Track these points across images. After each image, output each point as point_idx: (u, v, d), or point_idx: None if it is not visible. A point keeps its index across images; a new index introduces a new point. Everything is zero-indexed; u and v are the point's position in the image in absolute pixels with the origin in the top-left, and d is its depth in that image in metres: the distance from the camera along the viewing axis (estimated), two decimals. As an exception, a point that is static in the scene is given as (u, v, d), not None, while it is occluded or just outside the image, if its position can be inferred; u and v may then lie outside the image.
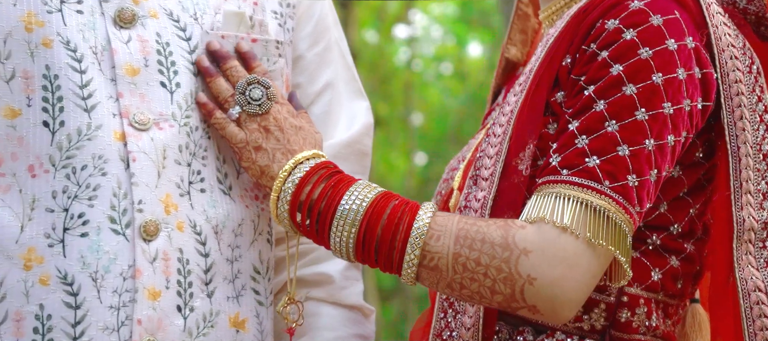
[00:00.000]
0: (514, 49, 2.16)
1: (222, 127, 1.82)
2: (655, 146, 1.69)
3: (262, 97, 1.82)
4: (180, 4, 1.83)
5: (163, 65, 1.78)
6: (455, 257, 1.66)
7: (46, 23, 1.73)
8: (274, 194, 1.77)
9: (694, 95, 1.74)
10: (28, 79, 1.72)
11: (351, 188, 1.74)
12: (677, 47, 1.72)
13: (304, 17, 1.99)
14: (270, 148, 1.80)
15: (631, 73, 1.70)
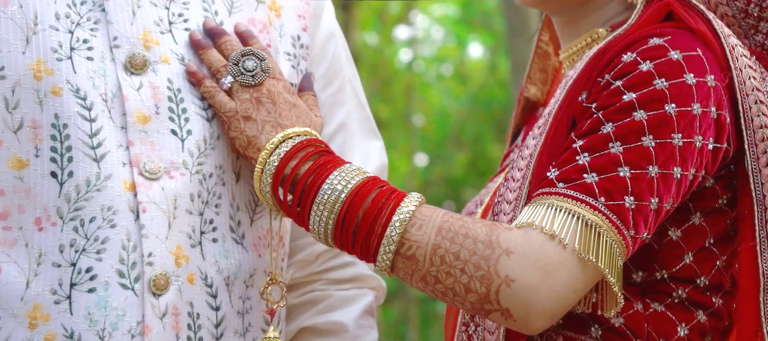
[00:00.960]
0: (533, 89, 2.13)
1: (211, 95, 1.76)
2: (659, 174, 1.64)
3: (256, 68, 1.77)
4: (191, 48, 1.78)
5: (174, 112, 1.73)
6: (435, 248, 1.61)
7: (56, 71, 1.68)
8: (258, 166, 1.72)
9: (706, 134, 1.69)
10: (36, 128, 1.66)
11: (339, 169, 1.68)
12: (696, 82, 1.68)
13: (318, 58, 1.94)
14: (260, 119, 1.74)
15: (644, 101, 1.66)
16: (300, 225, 1.72)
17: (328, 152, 1.72)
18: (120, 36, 1.72)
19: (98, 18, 1.73)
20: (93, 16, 1.73)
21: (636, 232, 1.63)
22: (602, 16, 1.89)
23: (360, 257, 1.67)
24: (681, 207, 1.75)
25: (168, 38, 1.77)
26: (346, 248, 1.68)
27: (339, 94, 1.99)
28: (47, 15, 1.70)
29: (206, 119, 1.76)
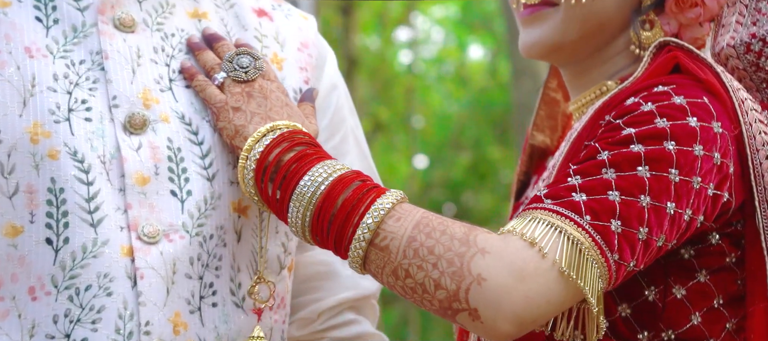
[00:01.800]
0: (541, 136, 2.10)
1: (202, 88, 1.73)
2: (651, 205, 1.60)
3: (250, 65, 1.75)
4: (192, 106, 1.74)
5: (174, 173, 1.69)
6: (409, 240, 1.57)
7: (53, 133, 1.63)
8: (243, 154, 1.68)
9: (707, 178, 1.65)
10: (32, 193, 1.62)
11: (323, 162, 1.65)
12: (700, 126, 1.65)
13: (321, 110, 1.90)
14: (249, 111, 1.71)
15: (643, 136, 1.64)
16: (279, 216, 1.68)
17: (314, 145, 1.69)
18: (119, 95, 1.69)
19: (97, 77, 1.69)
20: (92, 76, 1.69)
21: (620, 257, 1.59)
22: (610, 69, 1.87)
23: (334, 249, 1.63)
24: (685, 264, 1.72)
25: (168, 96, 1.73)
26: (320, 240, 1.64)
27: (342, 145, 1.95)
28: (45, 76, 1.66)
29: (207, 178, 1.71)
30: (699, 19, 1.83)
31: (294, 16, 1.92)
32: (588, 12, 1.83)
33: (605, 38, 1.85)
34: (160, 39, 1.76)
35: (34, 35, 1.68)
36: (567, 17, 1.83)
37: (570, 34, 1.84)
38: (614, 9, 1.83)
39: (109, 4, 1.72)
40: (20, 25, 1.68)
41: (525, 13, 1.87)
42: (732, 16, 1.83)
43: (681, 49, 1.76)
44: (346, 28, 12.86)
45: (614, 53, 1.86)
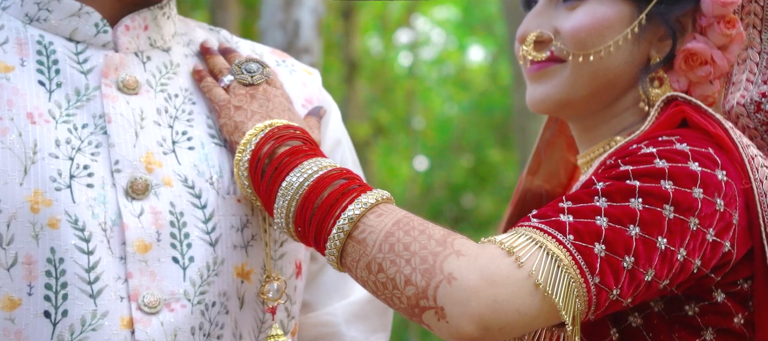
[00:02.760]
0: (537, 180, 2.09)
1: (209, 88, 1.76)
2: (640, 236, 1.58)
3: (257, 70, 1.78)
4: (195, 168, 1.71)
5: (176, 238, 1.66)
6: (387, 235, 1.56)
7: (54, 202, 1.60)
8: (240, 147, 1.69)
9: (706, 222, 1.62)
10: (30, 265, 1.59)
11: (316, 158, 1.65)
12: (701, 171, 1.63)
13: None
14: (251, 110, 1.73)
15: (640, 173, 1.62)
16: (266, 208, 1.67)
17: (310, 141, 1.69)
18: (121, 159, 1.66)
19: (100, 141, 1.67)
20: (94, 140, 1.66)
21: (602, 281, 1.56)
22: (619, 125, 1.85)
23: (313, 242, 1.62)
24: (690, 321, 1.69)
25: (171, 159, 1.70)
26: (302, 233, 1.63)
27: None
28: (47, 142, 1.63)
29: (209, 243, 1.69)
30: (709, 76, 1.81)
31: (298, 71, 1.91)
32: (596, 69, 1.81)
33: (614, 95, 1.83)
34: (164, 100, 1.74)
35: (36, 100, 1.66)
36: (575, 74, 1.82)
37: (578, 91, 1.82)
38: (623, 66, 1.81)
39: (113, 67, 1.70)
40: (23, 90, 1.66)
41: (533, 69, 1.85)
42: (742, 74, 1.81)
43: (688, 104, 1.74)
44: (347, 32, 12.85)
45: (623, 109, 1.84)
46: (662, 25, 1.80)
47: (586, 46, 1.80)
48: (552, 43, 1.83)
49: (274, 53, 1.91)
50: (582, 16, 1.81)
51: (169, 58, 1.78)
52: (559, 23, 1.83)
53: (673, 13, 1.80)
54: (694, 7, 1.80)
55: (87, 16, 1.71)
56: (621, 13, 1.80)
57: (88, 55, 1.70)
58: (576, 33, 1.80)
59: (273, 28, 4.90)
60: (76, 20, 1.70)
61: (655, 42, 1.82)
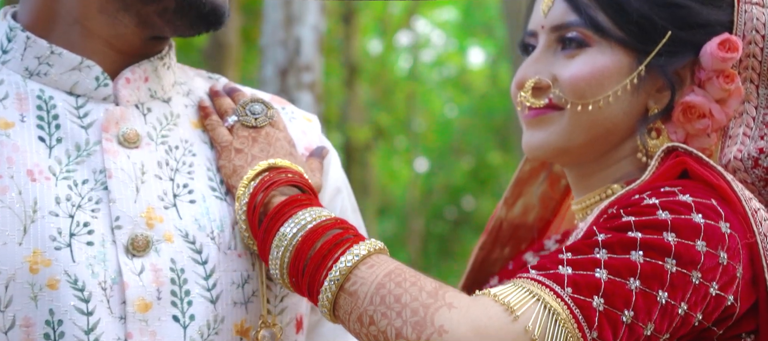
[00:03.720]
0: (514, 211, 2.10)
1: (213, 128, 1.76)
2: (640, 290, 1.56)
3: (261, 112, 1.78)
4: (197, 223, 1.70)
5: (177, 296, 1.65)
6: (378, 287, 1.55)
7: (54, 261, 1.58)
8: (239, 191, 1.69)
9: (709, 275, 1.61)
10: (29, 327, 1.57)
11: (311, 207, 1.65)
12: (704, 223, 1.61)
13: None
14: (251, 154, 1.73)
15: (642, 225, 1.60)
16: (262, 258, 1.67)
17: (307, 187, 1.69)
18: (122, 216, 1.65)
19: (100, 197, 1.65)
20: (95, 196, 1.65)
21: (600, 335, 1.54)
22: (616, 173, 1.85)
23: (307, 293, 1.62)
24: None
25: (172, 213, 1.69)
26: (296, 284, 1.62)
27: None
28: (47, 200, 1.61)
29: (210, 300, 1.67)
30: (707, 130, 1.80)
31: (298, 118, 1.90)
32: (594, 118, 1.80)
33: (611, 143, 1.83)
34: (165, 152, 1.72)
35: (36, 157, 1.64)
36: (573, 122, 1.81)
37: (576, 139, 1.82)
38: (621, 116, 1.81)
39: (113, 121, 1.69)
40: (23, 146, 1.64)
41: (530, 115, 1.85)
42: (739, 128, 1.81)
43: (689, 155, 1.73)
44: (347, 36, 12.83)
45: (620, 158, 1.84)
46: (661, 77, 1.80)
47: (585, 96, 1.80)
48: (550, 91, 1.83)
49: (273, 101, 1.89)
50: (582, 66, 1.80)
51: (169, 109, 1.77)
52: (558, 71, 1.82)
53: (672, 65, 1.79)
54: (693, 60, 1.80)
55: (88, 69, 1.69)
56: (620, 63, 1.80)
57: (88, 108, 1.69)
58: (575, 82, 1.80)
59: (274, 46, 4.89)
60: (77, 74, 1.69)
61: (653, 93, 1.82)
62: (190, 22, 1.72)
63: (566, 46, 1.83)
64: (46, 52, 1.69)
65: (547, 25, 1.85)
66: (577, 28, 1.81)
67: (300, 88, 4.85)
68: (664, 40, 1.78)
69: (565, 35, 1.82)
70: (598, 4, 1.80)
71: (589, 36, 1.80)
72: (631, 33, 1.79)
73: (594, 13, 1.80)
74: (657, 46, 1.78)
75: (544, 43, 1.85)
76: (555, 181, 2.08)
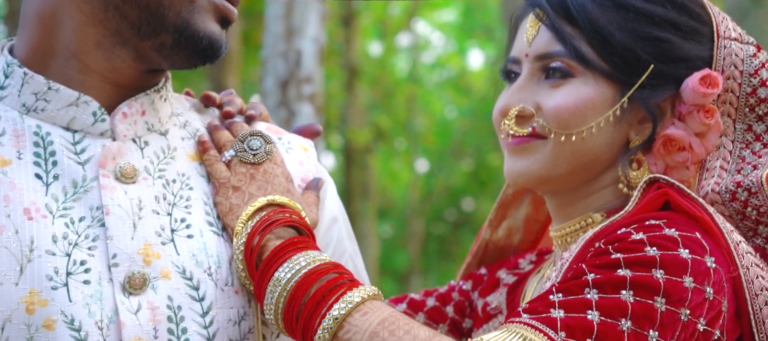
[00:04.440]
0: (499, 233, 2.12)
1: (210, 163, 1.75)
2: (632, 331, 1.57)
3: (260, 148, 1.77)
4: (194, 258, 1.69)
5: (174, 334, 1.64)
6: (371, 336, 1.56)
7: (50, 301, 1.58)
8: (236, 229, 1.69)
9: (697, 311, 1.62)
10: None
11: (306, 251, 1.65)
12: (691, 259, 1.62)
13: (322, 245, 1.86)
14: (249, 192, 1.72)
15: (631, 262, 1.61)
16: (258, 299, 1.67)
17: (303, 228, 1.69)
18: (119, 253, 1.64)
19: (97, 234, 1.64)
20: (92, 233, 1.64)
21: None
22: (597, 202, 1.86)
23: (301, 339, 1.62)
24: None
25: (170, 249, 1.68)
26: (291, 329, 1.63)
27: None
28: (44, 239, 1.61)
29: (207, 338, 1.67)
30: (686, 162, 1.82)
31: (294, 148, 1.90)
32: (578, 148, 1.81)
33: (593, 173, 1.84)
34: (162, 186, 1.72)
35: (33, 195, 1.63)
36: (556, 152, 1.82)
37: (558, 168, 1.83)
38: (603, 147, 1.82)
39: (110, 156, 1.68)
40: (20, 184, 1.63)
41: (513, 143, 1.85)
42: (717, 161, 1.83)
43: (672, 187, 1.75)
44: (347, 39, 12.83)
45: (601, 187, 1.85)
46: (643, 109, 1.81)
47: (569, 126, 1.80)
48: (534, 119, 1.83)
49: (269, 131, 1.89)
50: (566, 96, 1.80)
51: (166, 142, 1.76)
52: (542, 100, 1.83)
53: (654, 98, 1.81)
54: (674, 93, 1.82)
55: (85, 105, 1.69)
56: (604, 94, 1.81)
57: (85, 144, 1.68)
58: (560, 112, 1.80)
59: (275, 58, 4.89)
60: (74, 110, 1.68)
61: (635, 125, 1.83)
62: (187, 57, 1.72)
63: (550, 76, 1.83)
64: (43, 88, 1.68)
65: (531, 53, 1.85)
66: (561, 58, 1.81)
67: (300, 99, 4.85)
68: (647, 73, 1.79)
69: (549, 65, 1.83)
70: (583, 36, 1.80)
71: (573, 67, 1.81)
72: (615, 65, 1.80)
73: (579, 44, 1.80)
74: (640, 78, 1.79)
75: (528, 72, 1.85)
76: (538, 204, 2.09)
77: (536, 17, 1.84)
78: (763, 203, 1.76)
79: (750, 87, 1.83)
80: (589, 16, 1.79)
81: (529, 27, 1.85)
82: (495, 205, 2.12)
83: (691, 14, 1.83)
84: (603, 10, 1.80)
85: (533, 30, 1.85)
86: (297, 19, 4.83)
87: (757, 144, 1.83)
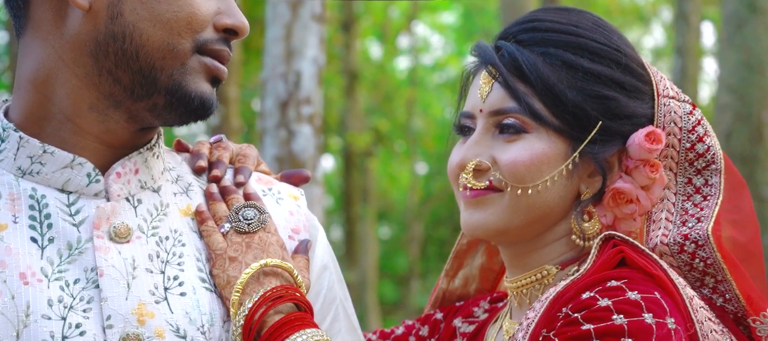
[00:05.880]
0: (456, 283, 2.18)
1: (208, 234, 1.79)
2: None
3: (254, 218, 1.80)
4: (187, 316, 1.72)
5: None
6: None
7: None
8: (233, 302, 1.72)
9: None
10: None
11: (304, 330, 1.70)
12: (655, 322, 1.69)
13: (313, 292, 1.90)
14: (245, 262, 1.75)
15: (601, 332, 1.68)
16: None
17: (301, 303, 1.74)
18: (114, 314, 1.66)
19: (92, 296, 1.67)
20: (86, 295, 1.67)
21: None
22: (551, 254, 1.92)
23: None
24: None
25: (163, 307, 1.70)
26: None
27: (333, 324, 1.95)
28: (40, 303, 1.63)
29: None
30: (634, 214, 1.89)
31: (285, 198, 1.93)
32: (533, 201, 1.87)
33: (548, 225, 1.90)
34: (155, 244, 1.74)
35: (29, 259, 1.66)
36: (512, 205, 1.88)
37: (515, 220, 1.89)
38: (557, 200, 1.88)
39: (104, 217, 1.71)
40: (16, 249, 1.66)
41: (471, 195, 1.91)
42: (662, 213, 1.91)
43: (626, 244, 1.82)
44: (347, 44, 12.83)
45: (554, 239, 1.91)
46: (593, 164, 1.88)
47: (525, 180, 1.86)
48: (490, 173, 1.89)
49: (260, 182, 1.92)
50: (521, 151, 1.86)
51: (159, 199, 1.78)
52: (498, 154, 1.89)
53: (603, 153, 1.87)
54: (620, 149, 1.89)
55: (80, 167, 1.71)
56: (557, 149, 1.87)
57: (80, 205, 1.71)
58: (515, 167, 1.86)
59: (274, 79, 4.91)
60: (69, 171, 1.71)
61: (585, 178, 1.90)
62: (179, 116, 1.75)
63: (504, 131, 1.89)
64: (38, 151, 1.71)
65: (485, 109, 1.90)
66: (515, 114, 1.87)
67: (300, 120, 4.87)
68: (596, 129, 1.86)
69: (503, 121, 1.89)
70: (536, 93, 1.86)
71: (527, 123, 1.87)
72: (567, 121, 1.86)
73: (532, 101, 1.86)
74: (590, 134, 1.86)
75: (482, 127, 1.91)
76: (493, 253, 2.15)
77: (489, 75, 1.90)
78: (710, 256, 1.84)
79: (689, 143, 1.91)
80: (541, 74, 1.85)
81: (483, 84, 1.91)
82: (451, 255, 2.18)
83: (634, 74, 1.90)
84: (553, 69, 1.86)
85: (487, 87, 1.90)
86: (297, 41, 4.86)
87: (697, 196, 1.91)
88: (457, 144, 1.96)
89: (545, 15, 1.91)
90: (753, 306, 1.85)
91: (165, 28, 1.69)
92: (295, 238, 1.88)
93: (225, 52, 1.76)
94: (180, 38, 1.70)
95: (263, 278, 1.74)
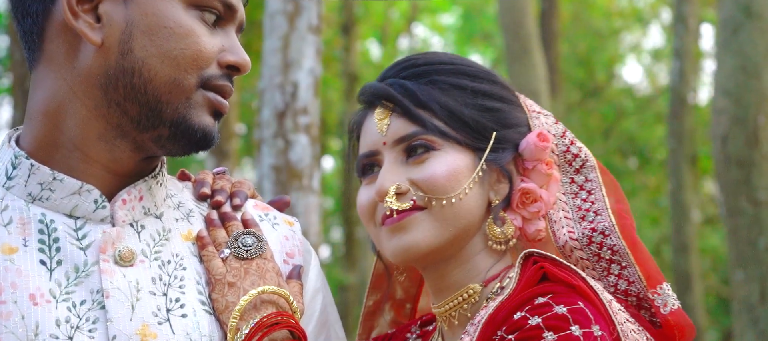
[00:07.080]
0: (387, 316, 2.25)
1: (208, 259, 1.85)
2: None
3: (253, 245, 1.86)
4: (188, 337, 1.78)
5: None
6: None
7: None
8: (230, 328, 1.79)
9: None
10: None
11: None
12: (582, 333, 1.78)
13: (306, 316, 1.97)
14: (243, 287, 1.81)
15: None
16: None
17: (295, 333, 1.80)
18: (118, 334, 1.73)
19: (97, 317, 1.73)
20: (92, 316, 1.73)
21: None
22: (472, 271, 2.00)
23: None
24: None
25: (166, 328, 1.77)
26: None
27: None
28: (48, 323, 1.70)
29: None
30: (540, 212, 2.00)
31: (280, 224, 2.00)
32: (457, 211, 1.97)
33: (467, 239, 1.99)
34: (158, 268, 1.81)
35: (38, 280, 1.73)
36: (439, 218, 1.97)
37: (443, 235, 1.97)
38: (474, 209, 1.98)
39: (110, 242, 1.78)
40: (26, 271, 1.73)
41: (397, 219, 1.98)
42: (560, 212, 2.03)
43: (545, 259, 1.91)
44: (346, 47, 12.85)
45: (473, 254, 2.00)
46: (497, 170, 1.99)
47: (446, 191, 1.96)
48: (411, 193, 1.98)
49: (257, 207, 2.00)
50: (435, 166, 1.96)
51: (161, 225, 1.86)
52: (413, 175, 1.98)
53: (503, 159, 1.99)
54: (515, 155, 2.01)
55: (87, 193, 1.79)
56: (465, 161, 1.98)
57: (86, 230, 1.78)
58: (434, 180, 1.96)
59: (272, 90, 4.96)
60: (77, 198, 1.78)
61: (493, 185, 2.00)
62: (182, 147, 1.83)
63: (412, 154, 1.99)
64: (48, 178, 1.78)
65: (389, 140, 2.00)
66: (421, 136, 1.98)
67: (297, 130, 4.92)
68: (493, 138, 1.99)
69: (411, 144, 1.99)
70: (434, 113, 1.98)
71: (434, 141, 1.97)
72: (467, 135, 1.98)
73: (432, 120, 1.97)
74: (489, 144, 1.98)
75: (390, 158, 2.00)
76: (400, 307, 2.24)
77: (385, 109, 2.00)
78: (616, 243, 1.97)
79: (564, 146, 2.04)
80: (436, 98, 1.97)
81: (379, 120, 2.01)
82: (360, 319, 2.25)
83: (508, 90, 2.05)
84: (445, 92, 1.98)
85: (385, 120, 2.01)
86: (294, 52, 4.91)
87: (583, 193, 2.03)
88: (363, 186, 2.05)
89: (417, 57, 2.04)
90: (651, 281, 1.98)
91: (172, 65, 1.77)
92: (289, 262, 1.95)
93: (227, 88, 1.84)
94: (186, 74, 1.78)
95: (260, 304, 1.81)
